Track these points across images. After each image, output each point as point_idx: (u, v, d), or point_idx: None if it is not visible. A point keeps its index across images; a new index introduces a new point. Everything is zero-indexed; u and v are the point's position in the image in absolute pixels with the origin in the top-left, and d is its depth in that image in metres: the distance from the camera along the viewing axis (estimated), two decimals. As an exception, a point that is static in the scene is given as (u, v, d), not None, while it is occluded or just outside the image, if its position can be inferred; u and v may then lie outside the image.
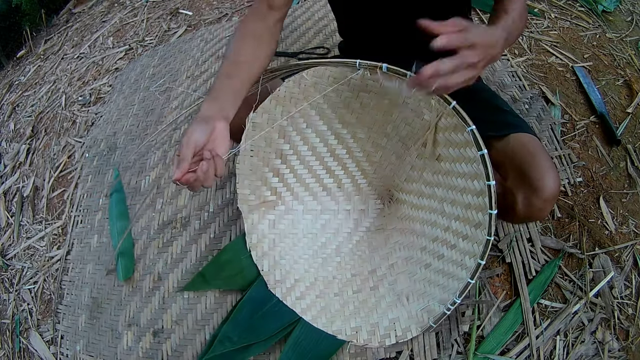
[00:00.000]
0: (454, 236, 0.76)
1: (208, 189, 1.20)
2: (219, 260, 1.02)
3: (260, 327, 0.89)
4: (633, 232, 0.97)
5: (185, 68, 1.64)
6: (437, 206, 0.80)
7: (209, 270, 1.02)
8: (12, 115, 1.95)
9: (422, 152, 0.79)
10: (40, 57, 2.30)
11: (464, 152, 0.68)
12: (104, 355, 1.04)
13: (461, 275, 0.73)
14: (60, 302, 1.20)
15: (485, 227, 0.66)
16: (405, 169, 0.87)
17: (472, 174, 0.68)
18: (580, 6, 1.52)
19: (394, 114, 0.78)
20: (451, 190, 0.75)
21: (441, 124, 0.71)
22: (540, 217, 0.72)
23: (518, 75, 1.28)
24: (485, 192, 0.64)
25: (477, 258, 0.68)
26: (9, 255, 1.38)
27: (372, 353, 0.86)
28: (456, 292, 0.73)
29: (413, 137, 0.79)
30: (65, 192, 1.45)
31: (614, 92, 1.24)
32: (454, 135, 0.69)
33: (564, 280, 0.91)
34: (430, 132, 0.73)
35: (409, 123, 0.77)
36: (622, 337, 0.84)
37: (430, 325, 0.78)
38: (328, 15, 1.64)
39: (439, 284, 0.78)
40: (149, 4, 2.23)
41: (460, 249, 0.74)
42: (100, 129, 1.60)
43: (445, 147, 0.73)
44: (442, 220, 0.79)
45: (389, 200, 0.96)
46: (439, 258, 0.79)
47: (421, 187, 0.84)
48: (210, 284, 1.00)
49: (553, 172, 0.68)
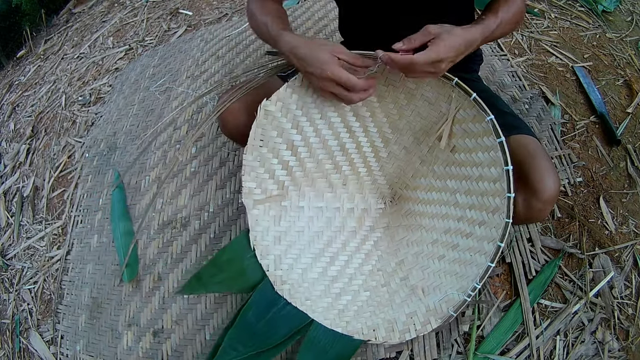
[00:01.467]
0: (469, 225, 0.76)
1: (211, 188, 1.20)
2: (217, 261, 0.93)
3: (269, 333, 0.82)
4: (633, 232, 0.97)
5: (185, 68, 1.64)
6: (449, 198, 0.81)
7: (207, 272, 0.94)
8: (12, 115, 1.95)
9: (435, 145, 0.80)
10: (40, 57, 2.30)
11: (481, 142, 0.70)
12: (104, 355, 1.04)
13: (480, 260, 0.73)
14: (60, 302, 1.20)
15: (503, 211, 0.68)
16: (413, 164, 0.87)
17: (489, 162, 0.70)
18: (580, 6, 1.52)
19: (410, 107, 0.78)
20: (465, 180, 0.76)
21: (458, 116, 0.72)
22: (540, 218, 0.72)
23: (518, 75, 1.28)
24: (503, 177, 0.67)
25: (497, 241, 0.69)
26: (9, 255, 1.38)
27: (372, 353, 0.86)
28: (476, 278, 0.73)
29: (427, 130, 0.79)
30: (65, 192, 1.45)
31: (614, 92, 1.24)
32: (471, 125, 0.70)
33: (564, 280, 0.91)
34: (447, 124, 0.74)
35: (424, 117, 0.78)
36: (622, 337, 0.84)
37: (450, 315, 0.76)
38: (328, 15, 1.64)
39: (456, 273, 0.78)
40: (149, 4, 2.23)
41: (477, 236, 0.75)
42: (100, 129, 1.60)
43: (461, 138, 0.74)
44: (454, 211, 0.80)
45: (390, 200, 0.96)
46: (454, 248, 0.79)
47: (430, 181, 0.85)
48: (208, 287, 0.93)
49: (553, 173, 0.68)
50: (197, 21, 1.94)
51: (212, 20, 1.90)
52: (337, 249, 0.92)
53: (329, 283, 0.88)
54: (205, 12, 1.98)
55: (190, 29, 1.92)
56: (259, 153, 0.81)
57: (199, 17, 1.96)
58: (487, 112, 0.66)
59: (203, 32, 1.81)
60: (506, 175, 0.66)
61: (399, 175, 0.91)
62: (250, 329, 0.83)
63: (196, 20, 1.95)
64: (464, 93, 0.68)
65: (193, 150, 1.32)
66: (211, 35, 1.77)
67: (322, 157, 0.88)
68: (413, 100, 0.76)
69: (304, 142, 0.84)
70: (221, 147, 1.29)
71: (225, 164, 1.24)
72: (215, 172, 1.23)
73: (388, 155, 0.89)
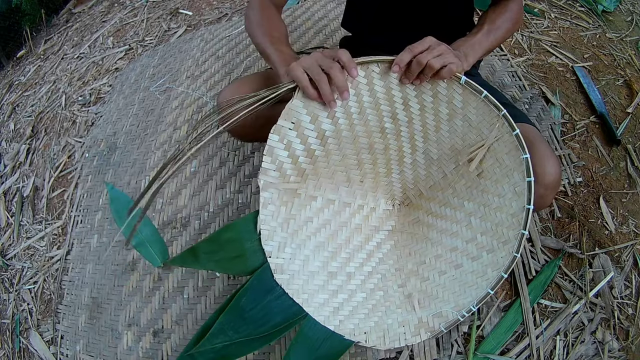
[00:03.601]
0: (477, 249, 0.78)
1: (211, 188, 1.20)
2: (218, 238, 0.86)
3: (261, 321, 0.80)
4: (633, 232, 0.97)
5: (185, 68, 1.64)
6: (463, 218, 0.82)
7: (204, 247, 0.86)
8: (12, 115, 1.95)
9: (463, 165, 0.80)
10: (40, 57, 2.31)
11: (510, 175, 0.72)
12: (104, 355, 1.04)
13: (481, 284, 0.75)
14: (60, 302, 1.20)
15: (514, 245, 0.71)
16: (435, 177, 0.87)
17: (512, 196, 0.72)
18: (580, 6, 1.52)
19: (449, 124, 0.78)
20: (484, 206, 0.78)
21: (495, 145, 0.73)
22: (543, 205, 0.72)
23: (518, 75, 1.28)
24: (522, 214, 0.70)
25: (502, 271, 0.72)
26: (9, 255, 1.38)
27: (372, 353, 0.86)
28: (474, 301, 0.75)
29: (460, 150, 0.80)
30: (65, 192, 1.45)
31: (614, 92, 1.24)
32: (505, 157, 0.72)
33: (564, 280, 0.91)
34: (483, 149, 0.75)
35: (461, 136, 0.78)
36: (622, 337, 0.84)
37: (441, 330, 0.79)
38: (328, 15, 1.64)
39: (454, 292, 0.79)
40: (149, 4, 2.23)
41: (483, 261, 0.76)
42: (100, 129, 1.60)
43: (492, 166, 0.75)
44: (465, 232, 0.81)
45: (399, 203, 0.95)
46: (457, 267, 0.80)
47: (448, 197, 0.85)
48: (202, 263, 0.85)
49: (553, 158, 0.69)
50: (197, 21, 1.94)
51: (212, 20, 1.90)
52: (340, 245, 0.91)
53: (328, 279, 0.87)
54: (205, 12, 1.98)
55: (190, 29, 1.92)
56: (286, 135, 0.76)
57: (199, 17, 1.96)
58: (525, 150, 0.68)
59: (203, 32, 1.81)
60: (525, 213, 0.69)
61: (416, 182, 0.91)
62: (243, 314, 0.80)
63: (196, 20, 1.95)
64: (508, 125, 0.69)
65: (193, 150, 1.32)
66: (211, 35, 1.77)
67: (349, 152, 0.85)
68: (455, 117, 0.76)
69: (335, 134, 0.81)
70: (221, 147, 1.29)
71: (225, 164, 1.25)
72: (215, 172, 1.23)
73: (412, 163, 0.88)
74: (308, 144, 0.80)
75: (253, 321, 0.80)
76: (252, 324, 0.80)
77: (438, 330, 0.79)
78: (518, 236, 0.70)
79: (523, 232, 0.69)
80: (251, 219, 0.83)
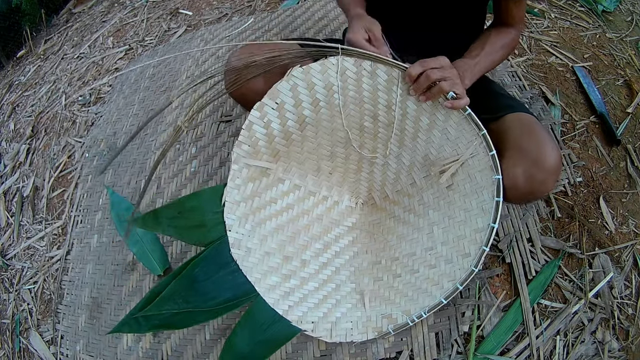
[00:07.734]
0: (436, 258, 0.79)
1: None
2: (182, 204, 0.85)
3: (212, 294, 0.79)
4: (633, 232, 0.97)
5: (185, 68, 1.64)
6: (426, 226, 0.82)
7: (166, 212, 0.85)
8: (12, 115, 1.95)
9: (434, 176, 0.81)
10: (40, 57, 2.31)
11: (480, 192, 0.72)
12: (104, 355, 1.04)
13: (435, 293, 0.76)
14: (60, 302, 1.20)
15: (474, 260, 0.72)
16: (404, 182, 0.87)
17: (478, 212, 0.72)
18: (580, 6, 1.52)
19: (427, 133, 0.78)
20: (449, 218, 0.78)
21: (470, 162, 0.74)
22: (543, 191, 0.69)
23: (518, 75, 1.28)
24: (486, 231, 0.70)
25: (457, 283, 0.73)
26: (9, 255, 1.38)
27: (372, 353, 0.86)
28: (425, 308, 0.76)
29: (433, 160, 0.80)
30: (65, 192, 1.46)
31: (614, 92, 1.24)
32: (477, 174, 0.72)
33: (564, 280, 0.91)
34: (456, 164, 0.76)
35: (436, 147, 0.79)
36: (622, 337, 0.84)
37: (388, 332, 0.80)
38: (328, 15, 1.64)
39: (406, 296, 0.80)
40: (149, 4, 2.23)
41: (440, 271, 0.77)
42: (100, 129, 1.60)
43: (462, 180, 0.76)
44: (426, 240, 0.82)
45: (362, 202, 0.96)
46: (412, 273, 0.81)
47: (414, 204, 0.86)
48: (163, 228, 0.85)
49: (552, 142, 0.68)
50: (197, 21, 1.94)
51: (212, 20, 1.90)
52: (299, 231, 0.90)
53: (282, 262, 0.85)
54: (205, 12, 1.98)
55: (190, 29, 1.92)
56: (267, 114, 0.77)
57: (199, 17, 1.96)
58: (498, 171, 0.68)
59: (203, 32, 1.81)
60: (489, 231, 0.70)
61: (383, 185, 0.91)
62: (195, 284, 0.80)
63: (196, 20, 1.96)
64: (486, 145, 0.69)
65: (193, 150, 1.32)
66: (211, 35, 1.77)
67: (324, 142, 0.86)
68: (434, 128, 0.76)
69: (315, 122, 0.81)
70: (221, 147, 1.29)
71: (225, 164, 1.24)
72: (215, 172, 1.23)
73: (383, 165, 0.89)
74: (287, 126, 0.80)
75: (204, 293, 0.79)
76: (203, 295, 0.79)
77: (385, 332, 0.80)
78: (479, 252, 0.71)
79: (484, 248, 0.70)
80: (218, 191, 0.83)
